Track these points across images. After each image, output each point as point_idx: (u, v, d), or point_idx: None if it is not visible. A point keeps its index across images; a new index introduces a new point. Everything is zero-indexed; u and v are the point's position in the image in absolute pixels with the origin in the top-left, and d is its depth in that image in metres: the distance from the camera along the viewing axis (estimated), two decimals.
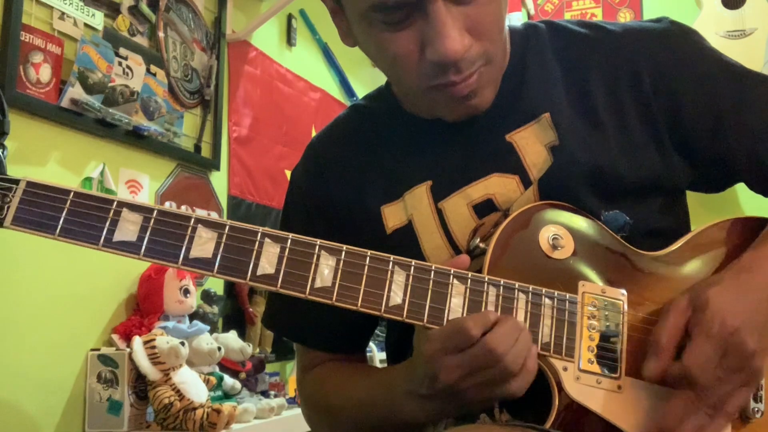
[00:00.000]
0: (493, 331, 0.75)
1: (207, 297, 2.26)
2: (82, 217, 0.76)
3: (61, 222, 0.75)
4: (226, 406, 1.83)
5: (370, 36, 0.85)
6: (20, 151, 1.75)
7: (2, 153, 0.85)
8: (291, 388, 2.44)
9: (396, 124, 0.97)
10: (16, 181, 0.76)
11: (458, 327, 0.75)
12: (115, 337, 1.92)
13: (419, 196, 0.93)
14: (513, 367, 0.75)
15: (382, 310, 0.77)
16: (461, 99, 0.86)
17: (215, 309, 2.25)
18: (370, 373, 0.95)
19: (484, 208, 0.91)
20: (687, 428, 0.76)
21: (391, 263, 0.78)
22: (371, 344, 2.76)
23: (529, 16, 3.42)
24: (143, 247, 0.76)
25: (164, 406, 1.77)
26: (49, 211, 0.76)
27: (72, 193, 0.76)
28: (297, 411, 2.23)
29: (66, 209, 0.76)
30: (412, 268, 0.79)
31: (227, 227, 0.77)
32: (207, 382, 1.92)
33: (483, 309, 0.78)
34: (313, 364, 1.04)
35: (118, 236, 0.76)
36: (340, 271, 0.77)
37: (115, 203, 0.77)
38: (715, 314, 0.76)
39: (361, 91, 3.35)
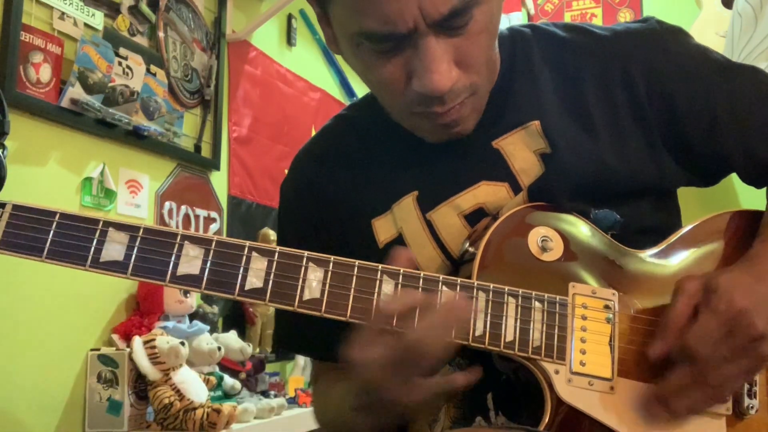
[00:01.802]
0: (407, 317, 0.74)
1: (207, 297, 2.26)
2: (69, 239, 0.76)
3: (47, 244, 0.76)
4: (226, 406, 1.83)
5: (357, 57, 0.84)
6: (20, 151, 1.75)
7: (2, 153, 0.86)
8: (291, 388, 2.44)
9: (382, 134, 0.97)
10: (2, 205, 0.77)
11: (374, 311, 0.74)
12: (115, 337, 1.93)
13: (406, 207, 0.93)
14: (430, 348, 0.73)
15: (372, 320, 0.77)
16: (443, 126, 0.86)
17: (215, 309, 2.25)
18: (341, 385, 0.95)
19: (476, 217, 0.90)
20: (683, 401, 0.76)
21: (379, 272, 0.78)
22: None
23: (529, 16, 3.42)
24: (130, 266, 0.76)
25: (164, 406, 1.77)
26: (36, 234, 0.76)
27: (58, 215, 0.77)
28: (297, 411, 2.23)
29: (52, 231, 0.76)
30: (401, 276, 0.78)
31: (214, 243, 0.77)
32: (207, 382, 1.92)
33: (473, 315, 0.78)
34: (317, 376, 1.05)
35: (105, 256, 0.76)
36: (328, 283, 0.77)
37: (101, 223, 0.77)
38: (723, 294, 0.75)
39: (361, 91, 3.35)
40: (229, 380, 2.06)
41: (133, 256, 0.76)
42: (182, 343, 1.84)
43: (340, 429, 0.90)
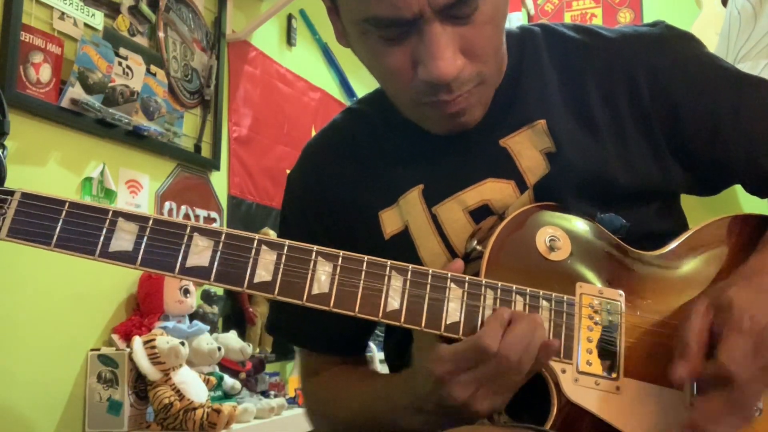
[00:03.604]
0: (506, 338, 0.74)
1: (207, 297, 2.26)
2: (78, 228, 0.76)
3: (56, 233, 0.75)
4: (226, 406, 1.83)
5: (364, 45, 0.84)
6: (20, 151, 1.75)
7: (2, 153, 0.85)
8: (291, 388, 2.44)
9: (391, 127, 0.97)
10: (11, 193, 0.76)
11: (476, 346, 0.73)
12: (115, 337, 1.93)
13: (412, 201, 0.93)
14: (526, 368, 0.75)
15: (380, 316, 0.77)
16: (450, 116, 0.86)
17: (215, 309, 2.25)
18: (370, 383, 0.95)
19: (481, 214, 0.90)
20: (720, 428, 0.72)
21: (388, 268, 0.78)
22: (371, 344, 2.76)
23: (529, 16, 3.42)
24: (139, 257, 0.75)
25: (164, 406, 1.77)
26: (45, 222, 0.75)
27: (67, 204, 0.76)
28: (297, 411, 2.23)
29: (61, 220, 0.75)
30: (409, 272, 0.78)
31: (223, 235, 0.77)
32: (207, 382, 1.92)
33: (480, 313, 0.78)
34: (314, 370, 1.04)
35: (114, 246, 0.75)
36: (337, 277, 0.77)
37: (111, 213, 0.76)
38: (743, 311, 0.74)
39: (361, 91, 3.35)
40: (229, 380, 2.06)
41: (143, 247, 0.75)
42: (182, 343, 1.84)
43: (375, 426, 0.89)
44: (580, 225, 0.86)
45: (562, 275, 0.82)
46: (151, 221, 0.76)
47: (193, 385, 1.85)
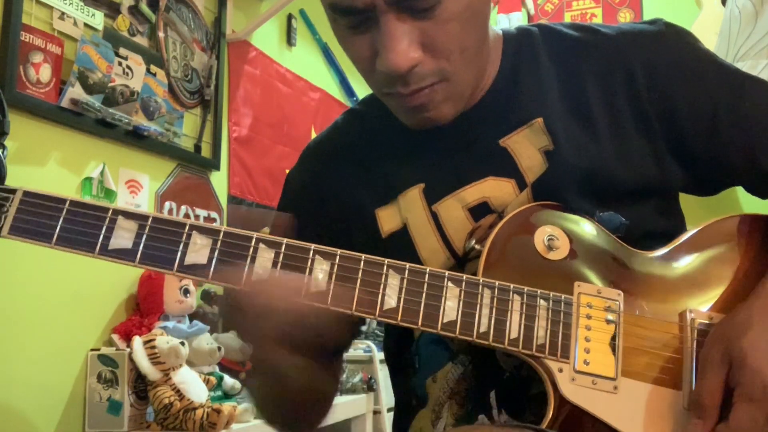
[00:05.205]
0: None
1: (207, 297, 2.26)
2: (78, 226, 0.76)
3: (57, 231, 0.76)
4: (226, 406, 1.83)
5: (336, 32, 0.86)
6: (20, 151, 1.75)
7: (2, 153, 0.86)
8: None
9: (391, 127, 0.97)
10: (13, 191, 0.77)
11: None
12: (115, 337, 1.93)
13: (412, 199, 0.93)
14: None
15: (377, 314, 0.77)
16: (413, 110, 0.86)
17: (215, 309, 2.25)
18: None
19: (480, 211, 0.90)
20: None
21: (385, 267, 0.78)
22: (371, 344, 2.76)
23: (529, 16, 3.42)
24: (138, 254, 0.76)
25: (164, 406, 1.77)
26: (46, 220, 0.76)
27: (68, 202, 0.77)
28: None
29: (62, 218, 0.76)
30: (407, 271, 0.78)
31: (222, 233, 0.77)
32: (207, 382, 1.92)
33: (477, 311, 0.78)
34: None
35: (113, 244, 0.76)
36: (334, 275, 0.77)
37: (111, 211, 0.77)
38: (755, 375, 0.74)
39: (361, 91, 3.35)
40: (229, 380, 2.06)
41: (141, 245, 0.76)
42: (182, 343, 1.84)
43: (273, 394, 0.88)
44: (579, 224, 0.86)
45: (561, 274, 0.82)
46: (150, 219, 0.77)
47: (193, 385, 1.85)
